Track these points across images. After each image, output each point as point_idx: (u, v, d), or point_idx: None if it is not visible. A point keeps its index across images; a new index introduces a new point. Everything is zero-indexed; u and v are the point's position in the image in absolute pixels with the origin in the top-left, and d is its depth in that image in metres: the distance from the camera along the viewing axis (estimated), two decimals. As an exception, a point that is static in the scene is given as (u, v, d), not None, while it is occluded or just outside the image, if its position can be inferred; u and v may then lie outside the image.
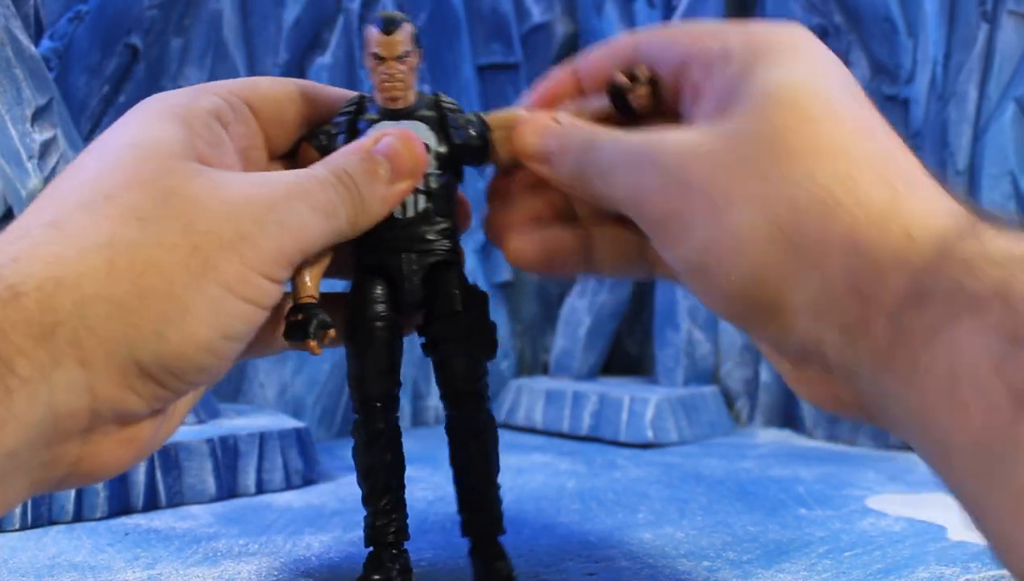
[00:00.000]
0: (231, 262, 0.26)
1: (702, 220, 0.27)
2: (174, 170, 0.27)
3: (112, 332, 0.25)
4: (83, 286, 0.24)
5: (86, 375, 0.24)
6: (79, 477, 0.27)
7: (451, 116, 0.34)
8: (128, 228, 0.25)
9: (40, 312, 0.24)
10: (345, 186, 0.30)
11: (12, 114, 0.49)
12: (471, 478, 0.35)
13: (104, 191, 0.26)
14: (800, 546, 0.41)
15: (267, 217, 0.27)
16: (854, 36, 0.68)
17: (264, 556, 0.39)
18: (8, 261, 0.24)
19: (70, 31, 0.56)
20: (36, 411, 0.24)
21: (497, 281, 0.76)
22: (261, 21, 0.64)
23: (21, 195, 0.49)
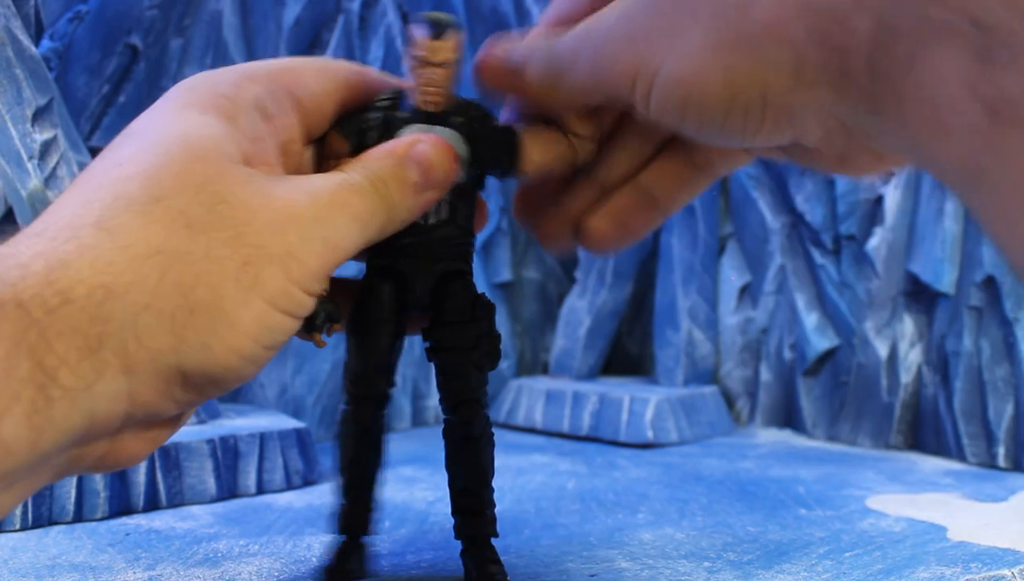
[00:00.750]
0: (277, 278, 0.27)
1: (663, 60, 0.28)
2: (223, 173, 0.27)
3: (159, 343, 0.25)
4: (133, 296, 0.24)
5: (128, 382, 0.25)
6: (101, 468, 0.27)
7: (484, 125, 0.34)
8: (178, 236, 0.26)
9: (89, 322, 0.24)
10: (379, 194, 0.30)
11: (12, 114, 0.49)
12: (466, 481, 0.35)
13: (154, 191, 0.26)
14: (800, 547, 0.41)
15: (312, 231, 0.28)
16: (854, 36, 0.68)
17: (265, 557, 0.39)
18: (57, 264, 0.24)
19: (70, 31, 0.56)
20: (74, 419, 0.24)
21: (497, 281, 0.76)
22: (261, 21, 0.64)
23: (21, 195, 0.49)
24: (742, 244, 0.73)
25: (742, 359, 0.73)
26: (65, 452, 0.25)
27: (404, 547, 0.41)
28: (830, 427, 0.67)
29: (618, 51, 0.30)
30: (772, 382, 0.71)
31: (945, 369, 0.62)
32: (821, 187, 0.68)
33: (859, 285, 0.66)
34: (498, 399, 0.73)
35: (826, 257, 0.68)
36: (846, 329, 0.66)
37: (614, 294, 0.74)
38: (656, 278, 0.74)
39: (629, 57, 0.29)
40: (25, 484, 0.24)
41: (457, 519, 0.35)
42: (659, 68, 0.28)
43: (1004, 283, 0.59)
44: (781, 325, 0.71)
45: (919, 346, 0.64)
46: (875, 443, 0.64)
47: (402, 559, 0.39)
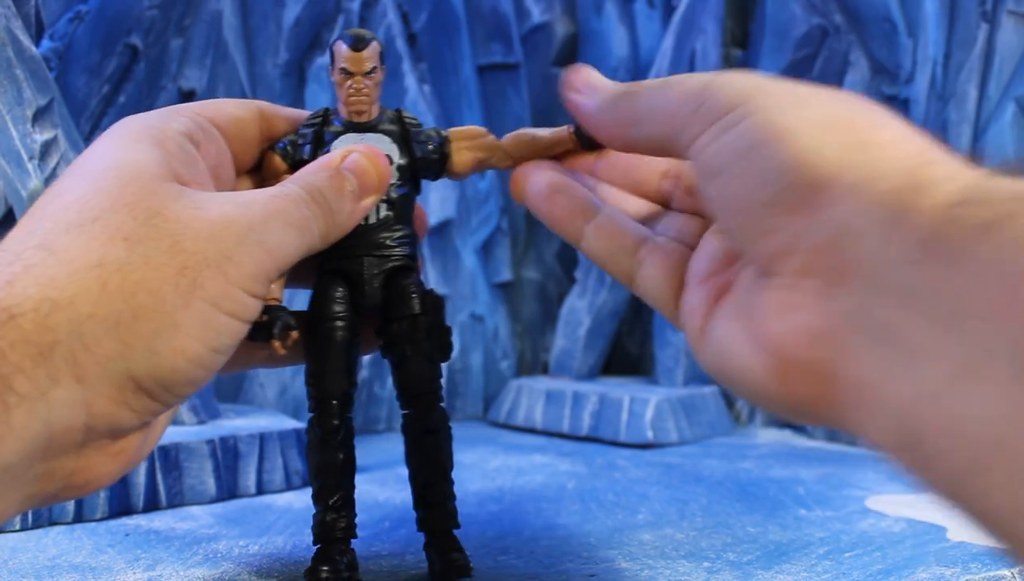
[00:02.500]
0: (216, 280, 0.28)
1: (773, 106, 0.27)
2: (155, 191, 0.28)
3: (107, 350, 0.25)
4: (77, 306, 0.25)
5: (82, 391, 0.25)
6: (73, 489, 0.27)
7: (413, 130, 0.36)
8: (116, 249, 0.26)
9: (37, 333, 0.25)
10: (317, 202, 0.31)
11: (13, 114, 0.49)
12: (427, 474, 0.36)
13: (90, 214, 0.27)
14: (800, 547, 0.41)
15: (248, 236, 0.29)
16: (854, 36, 0.68)
17: (264, 557, 0.40)
18: (3, 284, 0.25)
19: (70, 31, 0.56)
20: (33, 427, 0.24)
21: (497, 281, 0.76)
22: (261, 21, 0.64)
23: (21, 195, 0.49)
24: (742, 244, 0.73)
25: (742, 359, 0.73)
26: (30, 468, 0.25)
27: (404, 547, 0.41)
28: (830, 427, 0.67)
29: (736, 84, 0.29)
30: (772, 382, 0.71)
31: (945, 369, 0.61)
32: (821, 187, 0.68)
33: (859, 285, 0.66)
34: (498, 399, 0.73)
35: (826, 257, 0.68)
36: (846, 329, 0.66)
37: (614, 294, 0.74)
38: (656, 278, 0.74)
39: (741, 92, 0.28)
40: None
41: (420, 512, 0.36)
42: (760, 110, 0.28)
43: (1004, 283, 0.59)
44: (781, 325, 0.71)
45: (919, 346, 0.64)
46: (875, 443, 0.64)
47: (402, 559, 0.39)
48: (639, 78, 0.75)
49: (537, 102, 0.77)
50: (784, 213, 0.26)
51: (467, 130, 0.37)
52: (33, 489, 0.26)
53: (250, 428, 0.52)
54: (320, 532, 0.35)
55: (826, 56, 0.70)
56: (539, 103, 0.78)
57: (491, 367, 0.75)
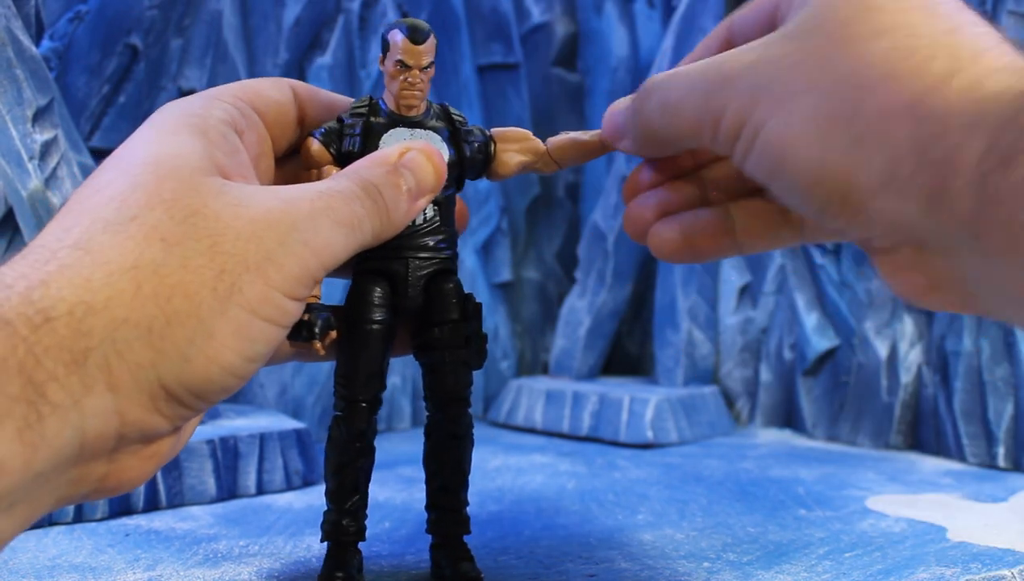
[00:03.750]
0: (256, 285, 0.26)
1: (772, 117, 0.28)
2: (196, 187, 0.27)
3: (139, 357, 0.25)
4: (112, 310, 0.25)
5: (115, 399, 0.25)
6: (104, 491, 0.27)
7: (462, 129, 0.35)
8: (153, 249, 0.26)
9: (72, 338, 0.24)
10: (372, 199, 0.30)
11: (13, 114, 0.49)
12: (445, 478, 0.36)
13: (127, 212, 0.26)
14: (800, 547, 0.41)
15: (292, 236, 0.27)
16: (854, 36, 0.68)
17: (264, 557, 0.40)
18: (38, 284, 0.24)
19: (70, 31, 0.56)
20: (66, 435, 0.24)
21: (497, 281, 0.76)
22: (261, 21, 0.64)
23: (21, 195, 0.49)
24: (742, 244, 0.73)
25: (742, 359, 0.73)
26: (63, 474, 0.25)
27: (404, 547, 0.41)
28: (830, 427, 0.67)
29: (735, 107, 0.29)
30: (772, 382, 0.71)
31: (945, 369, 0.62)
32: (821, 187, 0.68)
33: (859, 285, 0.66)
34: (498, 399, 0.73)
35: (826, 257, 0.68)
36: (846, 329, 0.66)
37: (614, 294, 0.74)
38: (656, 278, 0.74)
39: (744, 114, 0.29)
40: (25, 507, 0.24)
41: (432, 515, 0.36)
42: (765, 124, 0.28)
43: (1004, 283, 0.59)
44: (781, 325, 0.71)
45: (919, 346, 0.64)
46: (875, 443, 0.64)
47: (402, 559, 0.39)
48: (639, 78, 0.75)
49: (537, 102, 0.77)
50: (836, 218, 0.28)
51: (511, 132, 0.36)
52: (65, 492, 0.26)
53: (250, 428, 0.52)
54: (332, 532, 0.35)
55: (826, 56, 0.70)
56: (539, 103, 0.78)
57: (491, 367, 0.75)
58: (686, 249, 0.34)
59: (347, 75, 0.67)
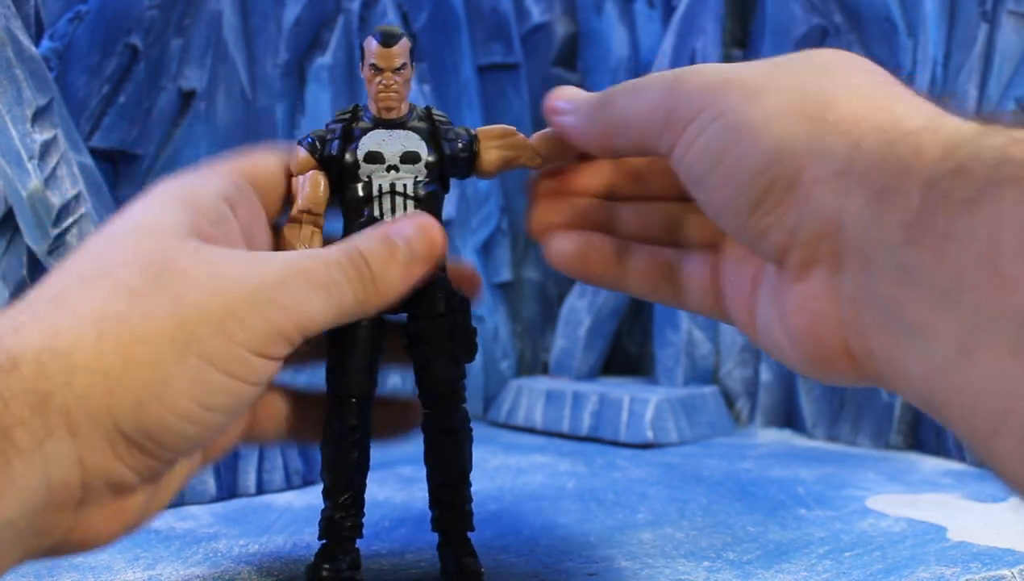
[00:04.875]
0: (215, 337, 0.27)
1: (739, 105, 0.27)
2: (171, 248, 0.28)
3: (96, 401, 0.25)
4: (73, 356, 0.25)
5: (76, 445, 0.25)
6: (69, 545, 0.27)
7: (443, 128, 0.36)
8: (119, 302, 0.26)
9: (35, 382, 0.25)
10: (354, 265, 0.30)
11: (12, 114, 0.49)
12: (444, 475, 0.36)
13: (103, 268, 0.27)
14: (800, 546, 0.41)
15: (259, 294, 0.28)
16: (854, 36, 0.68)
17: (264, 556, 0.39)
18: (11, 331, 0.25)
19: (70, 31, 0.56)
20: (32, 480, 0.24)
21: (497, 281, 0.76)
22: (261, 21, 0.64)
23: (21, 195, 0.49)
24: (742, 244, 0.73)
25: (742, 359, 0.73)
26: (31, 523, 0.25)
27: (404, 547, 0.41)
28: (830, 427, 0.67)
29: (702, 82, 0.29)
30: (772, 382, 0.71)
31: (945, 369, 0.62)
32: (821, 187, 0.68)
33: (859, 285, 0.66)
34: (498, 399, 0.73)
35: (826, 257, 0.68)
36: (846, 329, 0.66)
37: (614, 294, 0.74)
38: (656, 278, 0.74)
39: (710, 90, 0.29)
40: None
41: (435, 512, 0.36)
42: (728, 110, 0.28)
43: (1004, 283, 0.59)
44: (781, 325, 0.71)
45: (919, 346, 0.64)
46: (875, 443, 0.64)
47: (402, 559, 0.39)
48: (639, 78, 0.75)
49: (537, 102, 0.77)
50: (770, 213, 0.27)
51: (496, 129, 0.37)
52: (31, 544, 0.26)
53: (250, 428, 0.52)
54: (326, 528, 0.35)
55: (826, 56, 0.70)
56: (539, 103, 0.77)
57: (491, 367, 0.75)
58: (578, 267, 0.35)
59: (347, 75, 0.67)
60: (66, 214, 0.49)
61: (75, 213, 0.50)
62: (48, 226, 0.49)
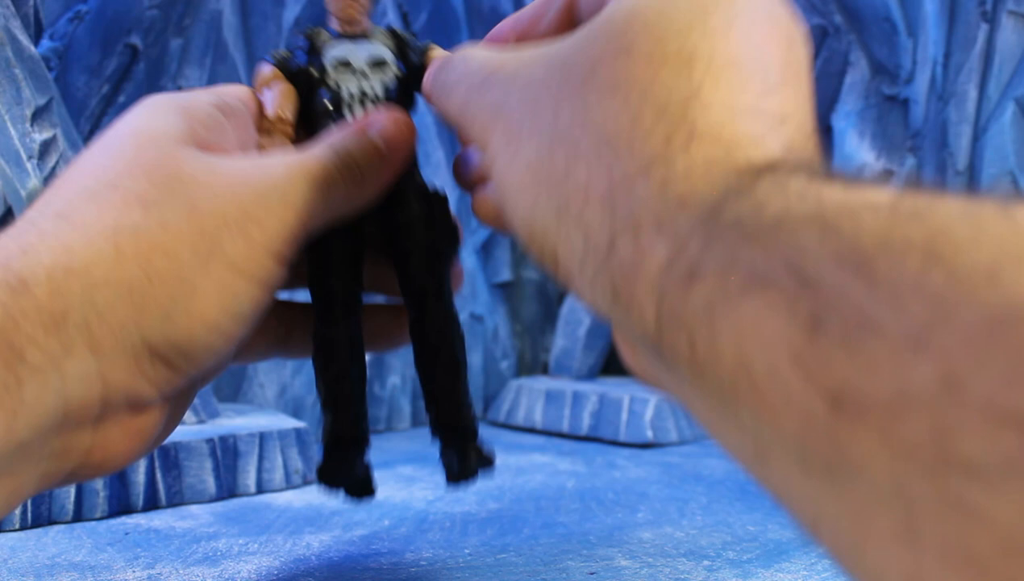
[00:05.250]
0: (236, 242, 0.27)
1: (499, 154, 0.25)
2: (174, 154, 0.27)
3: (121, 316, 0.25)
4: (91, 272, 0.25)
5: (97, 362, 0.24)
6: (90, 468, 0.27)
7: (409, 40, 0.35)
8: (132, 213, 0.26)
9: (50, 301, 0.24)
10: (344, 162, 0.30)
11: (12, 114, 0.49)
12: (437, 371, 0.34)
13: (108, 180, 0.26)
14: (800, 545, 0.41)
15: (270, 194, 0.28)
16: (854, 36, 0.68)
17: (264, 556, 0.39)
18: (17, 252, 0.24)
19: (70, 31, 0.56)
20: (47, 400, 0.23)
21: (497, 281, 0.76)
22: (261, 21, 0.64)
23: (21, 195, 0.49)
24: (742, 244, 0.73)
25: (742, 359, 0.73)
26: (45, 444, 0.24)
27: (404, 546, 0.41)
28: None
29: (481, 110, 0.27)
30: (772, 382, 0.71)
31: (945, 369, 0.62)
32: (821, 187, 0.68)
33: (859, 285, 0.66)
34: (498, 399, 0.73)
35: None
36: (846, 329, 0.66)
37: (614, 294, 0.74)
38: (656, 278, 0.74)
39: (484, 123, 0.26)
40: (9, 481, 0.24)
41: (432, 413, 0.34)
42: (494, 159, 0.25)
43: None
44: (781, 325, 0.71)
45: (919, 346, 0.64)
46: (875, 443, 0.64)
47: (402, 557, 0.39)
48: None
49: (537, 102, 0.77)
50: None
51: None
52: (49, 467, 0.25)
53: (250, 427, 0.52)
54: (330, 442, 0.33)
55: (826, 56, 0.70)
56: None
57: (491, 367, 0.75)
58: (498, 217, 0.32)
59: (347, 75, 0.67)
60: (66, 214, 0.49)
61: (75, 213, 0.50)
62: (48, 226, 0.49)
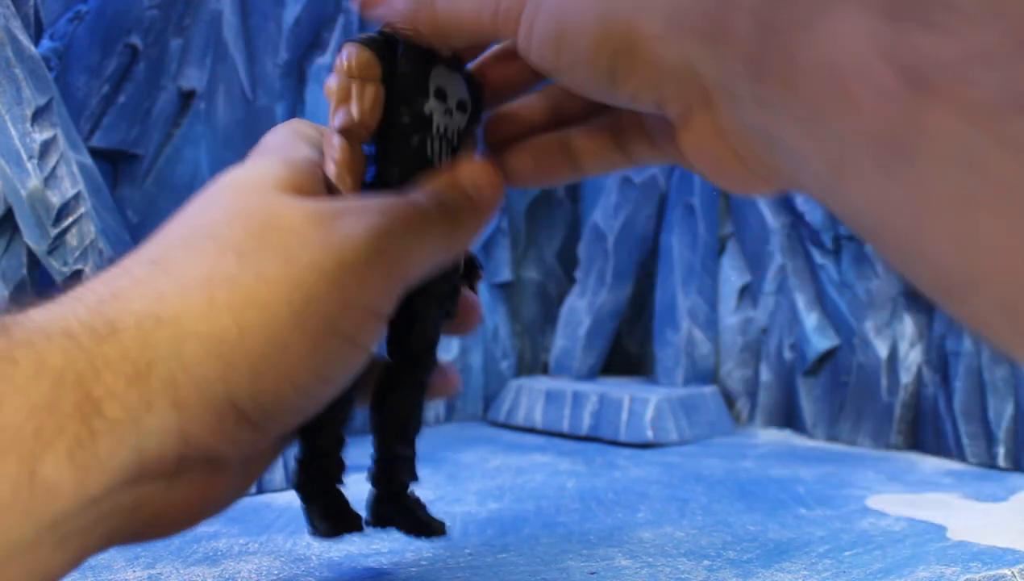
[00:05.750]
0: (332, 296, 0.25)
1: None
2: (271, 202, 0.26)
3: (208, 371, 0.24)
4: (182, 322, 0.24)
5: (178, 417, 0.23)
6: (159, 528, 0.26)
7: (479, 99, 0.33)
8: (228, 263, 0.25)
9: (137, 350, 0.23)
10: (441, 212, 0.29)
11: (12, 114, 0.49)
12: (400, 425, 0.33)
13: (204, 229, 0.26)
14: (800, 546, 0.41)
15: (369, 245, 0.26)
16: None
17: (264, 555, 0.39)
18: (108, 296, 0.24)
19: (70, 31, 0.56)
20: (122, 455, 0.23)
21: (497, 281, 0.76)
22: (261, 21, 0.64)
23: (21, 195, 0.49)
24: (742, 244, 0.73)
25: (742, 359, 0.73)
26: (117, 498, 0.23)
27: (404, 545, 0.40)
28: (830, 427, 0.67)
29: None
30: (772, 382, 0.71)
31: (945, 369, 0.62)
32: (821, 187, 0.68)
33: (859, 285, 0.66)
34: (498, 399, 0.73)
35: (826, 257, 0.68)
36: (846, 329, 0.66)
37: (614, 294, 0.74)
38: (656, 278, 0.74)
39: None
40: (77, 540, 0.23)
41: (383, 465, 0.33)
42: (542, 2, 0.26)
43: (1004, 283, 0.59)
44: (781, 325, 0.71)
45: (919, 346, 0.64)
46: (875, 443, 0.64)
47: (402, 557, 0.39)
48: None
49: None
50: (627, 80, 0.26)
51: None
52: (118, 524, 0.24)
53: (250, 427, 0.52)
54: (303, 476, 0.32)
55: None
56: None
57: (491, 367, 0.75)
58: (537, 171, 0.33)
59: (347, 75, 0.67)
60: (66, 213, 0.49)
61: (75, 213, 0.50)
62: (48, 225, 0.49)
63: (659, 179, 0.74)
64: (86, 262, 0.50)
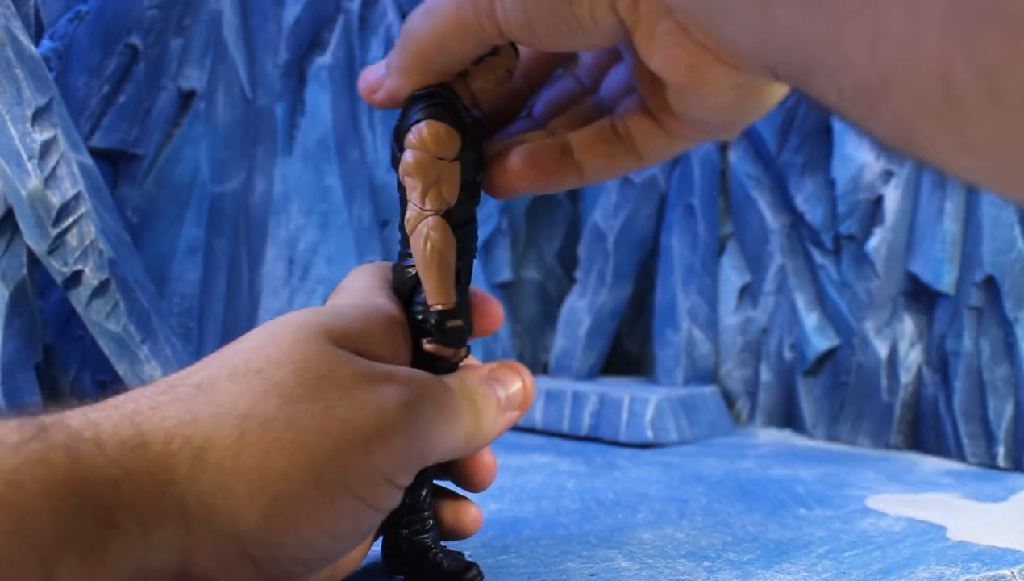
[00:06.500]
0: (358, 456, 0.26)
1: None
2: (329, 356, 0.27)
3: (220, 504, 0.24)
4: (207, 451, 0.24)
5: (186, 540, 0.24)
6: None
7: None
8: (268, 403, 0.25)
9: (159, 468, 0.24)
10: (468, 399, 0.30)
11: (12, 114, 0.49)
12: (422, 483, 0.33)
13: (255, 364, 0.26)
14: (800, 546, 0.41)
15: (403, 417, 0.27)
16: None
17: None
18: (147, 410, 0.24)
19: (70, 31, 0.56)
20: (128, 564, 0.23)
21: (497, 281, 0.76)
22: (261, 21, 0.64)
23: (21, 195, 0.49)
24: (742, 244, 0.73)
25: (742, 359, 0.73)
26: None
27: (404, 546, 0.40)
28: (830, 427, 0.67)
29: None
30: (772, 382, 0.71)
31: (945, 369, 0.62)
32: (821, 187, 0.68)
33: (859, 285, 0.66)
34: (498, 399, 0.73)
35: (826, 257, 0.68)
36: (846, 329, 0.66)
37: (614, 294, 0.74)
38: (656, 278, 0.74)
39: None
40: None
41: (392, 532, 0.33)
42: None
43: (1004, 283, 0.59)
44: (781, 325, 0.71)
45: (919, 346, 0.64)
46: (875, 443, 0.64)
47: (402, 558, 0.39)
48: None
49: (537, 102, 0.77)
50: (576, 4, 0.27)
51: None
52: None
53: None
54: None
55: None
56: (539, 103, 0.77)
57: (491, 367, 0.75)
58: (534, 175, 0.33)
59: (347, 75, 0.67)
60: (66, 214, 0.49)
61: (75, 213, 0.50)
62: (48, 226, 0.49)
63: (659, 179, 0.74)
64: (86, 262, 0.50)
